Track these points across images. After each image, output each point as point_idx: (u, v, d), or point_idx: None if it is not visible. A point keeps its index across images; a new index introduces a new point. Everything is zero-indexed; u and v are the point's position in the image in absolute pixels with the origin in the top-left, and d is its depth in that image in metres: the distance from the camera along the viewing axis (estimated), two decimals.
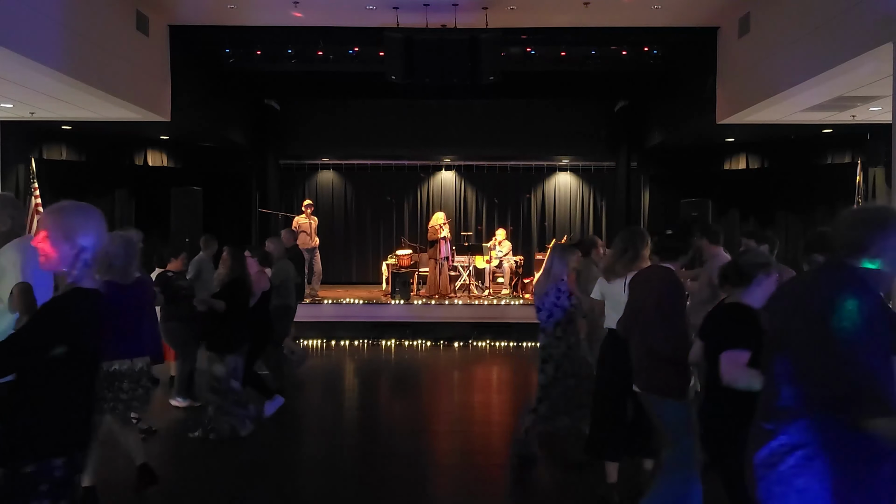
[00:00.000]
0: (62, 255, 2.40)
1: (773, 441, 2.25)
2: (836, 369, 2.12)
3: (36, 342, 2.32)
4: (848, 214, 2.34)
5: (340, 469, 5.55)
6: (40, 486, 2.34)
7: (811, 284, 2.37)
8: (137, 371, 4.62)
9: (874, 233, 2.21)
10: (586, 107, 14.78)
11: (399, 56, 9.85)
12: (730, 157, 13.93)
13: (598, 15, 9.95)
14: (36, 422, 2.36)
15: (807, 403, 2.19)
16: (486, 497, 5.07)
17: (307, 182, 16.10)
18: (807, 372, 2.21)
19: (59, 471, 2.37)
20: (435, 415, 7.47)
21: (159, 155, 13.84)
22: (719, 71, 10.60)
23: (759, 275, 3.26)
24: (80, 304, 2.37)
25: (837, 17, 7.42)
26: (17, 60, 7.26)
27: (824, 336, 2.14)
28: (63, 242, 2.39)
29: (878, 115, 9.76)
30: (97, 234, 2.44)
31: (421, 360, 10.31)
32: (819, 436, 2.17)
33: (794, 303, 2.34)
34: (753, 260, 3.32)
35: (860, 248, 2.22)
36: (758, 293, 3.24)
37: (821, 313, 2.17)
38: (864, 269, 2.22)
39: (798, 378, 2.23)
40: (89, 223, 2.44)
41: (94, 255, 2.42)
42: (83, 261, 2.40)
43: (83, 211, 2.49)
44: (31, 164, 11.90)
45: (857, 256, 2.23)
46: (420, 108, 14.44)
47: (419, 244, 14.03)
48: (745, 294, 3.27)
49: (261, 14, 10.20)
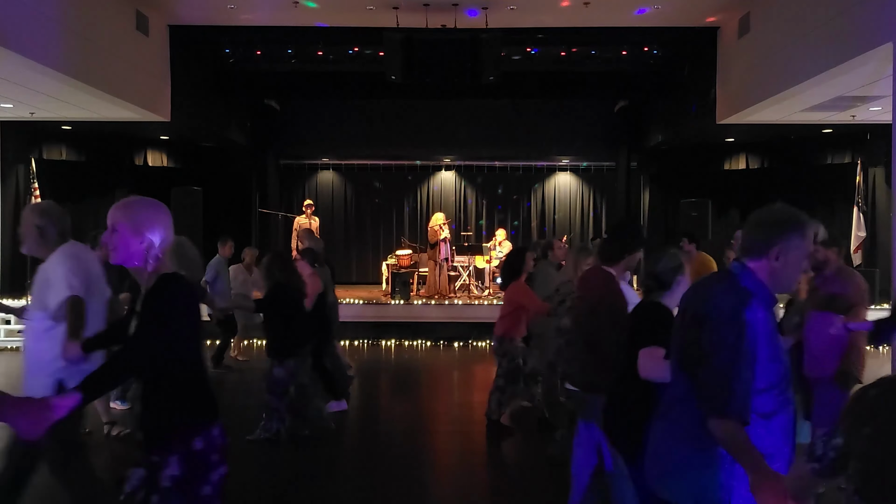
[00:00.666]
0: (132, 250, 2.44)
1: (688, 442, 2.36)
2: (702, 366, 2.21)
3: (162, 337, 2.39)
4: (753, 216, 2.37)
5: (340, 469, 5.55)
6: (211, 457, 2.46)
7: (703, 286, 2.43)
8: None
9: (774, 234, 2.24)
10: (586, 107, 14.79)
11: (399, 56, 9.86)
12: (730, 157, 13.94)
13: (598, 15, 9.95)
14: (180, 400, 2.46)
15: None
16: (487, 497, 5.07)
17: (307, 182, 16.11)
18: (685, 370, 2.32)
19: (219, 439, 2.50)
20: (435, 415, 7.47)
21: (159, 155, 13.84)
22: (719, 71, 10.61)
23: (678, 278, 3.34)
24: (175, 287, 2.43)
25: (837, 17, 7.42)
26: (17, 60, 7.26)
27: (696, 336, 2.24)
28: (132, 237, 2.43)
29: (878, 115, 9.77)
30: (165, 228, 2.48)
31: (421, 360, 10.31)
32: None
33: (687, 302, 2.43)
34: (668, 265, 3.36)
35: (761, 249, 2.25)
36: (677, 294, 3.29)
37: (699, 314, 2.26)
38: (752, 274, 2.27)
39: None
40: (158, 218, 2.47)
41: (163, 249, 2.46)
42: (153, 255, 2.44)
43: (151, 206, 2.52)
44: (31, 164, 11.91)
45: (758, 258, 2.26)
46: (420, 108, 14.44)
47: (419, 244, 14.03)
48: (665, 297, 3.34)
49: (261, 14, 10.21)
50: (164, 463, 2.39)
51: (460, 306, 11.88)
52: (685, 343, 2.33)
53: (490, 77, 10.08)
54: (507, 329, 6.05)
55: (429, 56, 9.86)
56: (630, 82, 12.80)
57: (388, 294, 12.53)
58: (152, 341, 2.39)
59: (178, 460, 2.39)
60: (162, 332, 2.38)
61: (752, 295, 2.23)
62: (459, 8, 9.72)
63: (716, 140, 13.14)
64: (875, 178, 11.80)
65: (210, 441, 2.45)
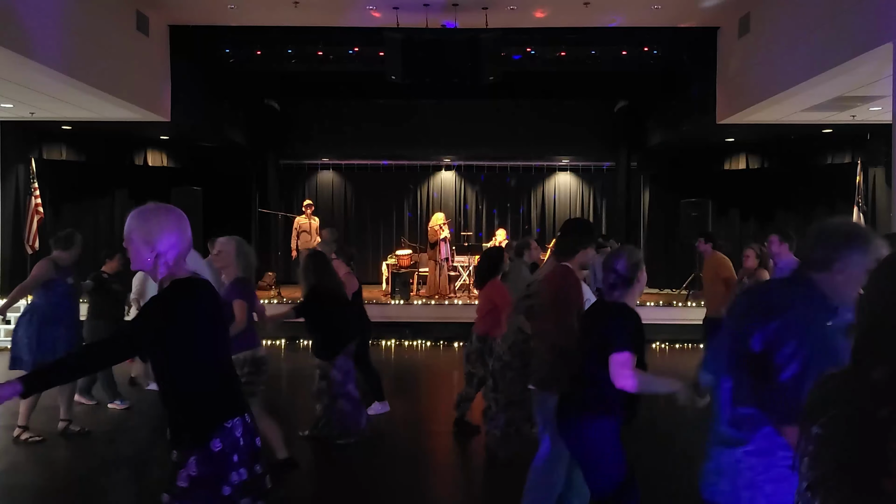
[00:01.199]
0: (142, 258, 2.48)
1: (740, 448, 2.32)
2: (775, 377, 2.20)
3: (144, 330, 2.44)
4: (815, 228, 2.40)
5: (340, 469, 5.54)
6: (232, 457, 2.45)
7: (771, 295, 2.43)
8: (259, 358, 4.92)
9: (838, 249, 2.27)
10: (586, 107, 14.79)
11: (399, 56, 9.86)
12: (730, 157, 13.93)
13: (598, 15, 9.95)
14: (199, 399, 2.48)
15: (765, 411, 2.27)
16: (486, 497, 5.07)
17: (307, 182, 16.10)
18: (759, 379, 2.28)
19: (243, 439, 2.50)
20: (435, 415, 7.47)
21: (159, 155, 13.84)
22: (719, 71, 10.61)
23: (638, 274, 3.31)
24: (182, 293, 2.47)
25: (837, 17, 7.42)
26: (17, 60, 7.26)
27: (774, 344, 2.21)
28: (142, 246, 2.47)
29: (878, 115, 9.76)
30: (177, 235, 2.51)
31: (421, 360, 10.30)
32: (778, 440, 2.24)
33: (751, 311, 2.40)
34: (630, 261, 3.31)
35: (824, 263, 2.27)
36: (637, 291, 3.32)
37: (774, 323, 2.23)
38: (821, 284, 2.28)
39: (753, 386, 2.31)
40: (168, 226, 2.50)
41: (176, 256, 2.49)
42: (163, 263, 2.47)
43: (162, 213, 2.55)
44: (31, 164, 11.90)
45: (819, 271, 2.28)
46: (420, 108, 14.44)
47: (419, 244, 14.03)
48: (627, 295, 3.31)
49: (261, 14, 10.20)
50: (184, 463, 2.41)
51: (460, 306, 11.87)
52: (752, 349, 2.28)
53: (490, 77, 10.08)
54: (489, 328, 6.01)
55: (429, 56, 9.86)
56: (630, 82, 12.80)
57: (388, 294, 12.52)
58: (123, 343, 2.45)
59: (196, 461, 2.40)
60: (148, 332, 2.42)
61: (827, 303, 2.28)
62: (459, 8, 9.73)
63: (716, 140, 13.14)
64: (875, 178, 11.80)
65: (232, 441, 2.45)
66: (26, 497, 4.86)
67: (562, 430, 3.36)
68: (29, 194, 11.80)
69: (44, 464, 5.53)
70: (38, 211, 11.83)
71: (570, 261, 3.96)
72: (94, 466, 5.54)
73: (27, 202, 11.80)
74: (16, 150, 11.66)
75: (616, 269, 3.32)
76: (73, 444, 5.97)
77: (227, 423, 2.46)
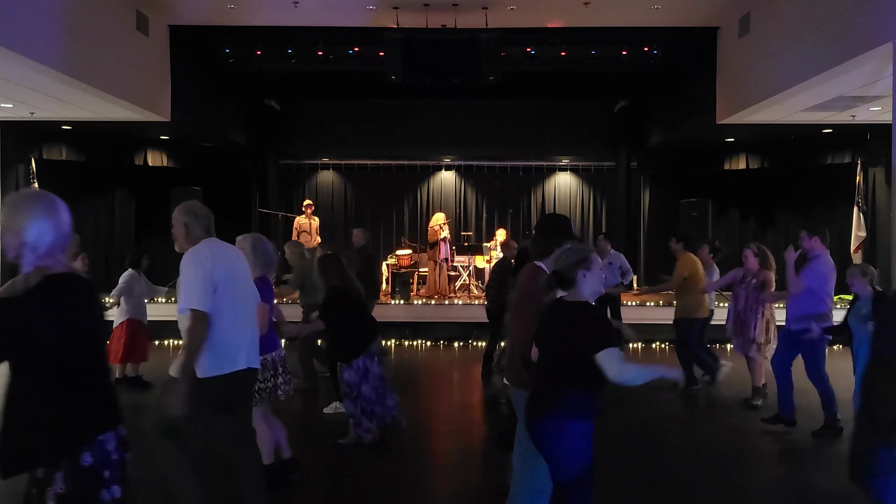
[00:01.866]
0: (9, 245, 2.34)
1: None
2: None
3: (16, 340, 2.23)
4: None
5: (339, 469, 5.54)
6: (103, 473, 2.29)
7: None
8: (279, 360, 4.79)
9: None
10: (586, 107, 14.79)
11: (399, 56, 9.86)
12: (730, 157, 13.93)
13: (598, 15, 9.95)
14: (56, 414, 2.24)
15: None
16: (487, 498, 5.06)
17: (307, 182, 16.10)
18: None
19: (115, 453, 2.33)
20: (435, 415, 7.47)
21: (159, 155, 13.84)
22: (719, 71, 10.61)
23: (579, 272, 3.24)
24: (48, 290, 2.25)
25: (837, 17, 7.42)
26: (17, 60, 7.26)
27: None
28: (10, 234, 2.33)
29: (878, 115, 9.76)
30: (46, 224, 2.33)
31: (421, 360, 10.31)
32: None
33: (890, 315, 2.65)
34: (568, 261, 3.28)
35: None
36: (586, 288, 3.26)
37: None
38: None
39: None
40: (36, 213, 2.33)
41: (47, 247, 2.31)
42: (31, 253, 2.30)
43: (31, 200, 2.39)
44: (31, 164, 11.91)
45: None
46: (420, 108, 14.44)
47: (419, 244, 14.03)
48: (577, 294, 3.27)
49: (261, 14, 10.21)
50: (50, 480, 2.23)
51: (460, 306, 11.87)
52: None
53: (490, 77, 10.08)
54: None
55: (429, 56, 9.86)
56: (630, 82, 12.79)
57: (388, 294, 12.52)
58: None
59: (63, 477, 2.23)
60: (5, 333, 2.21)
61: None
62: (459, 8, 9.73)
63: (716, 140, 13.14)
64: (875, 178, 11.80)
65: (103, 455, 2.28)
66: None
67: (528, 427, 3.37)
68: None
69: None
70: None
71: (545, 261, 3.81)
72: None
73: None
74: (16, 150, 11.66)
75: (557, 272, 3.29)
76: None
77: (99, 435, 2.28)
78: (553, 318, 3.29)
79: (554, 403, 3.22)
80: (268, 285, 4.75)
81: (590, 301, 3.28)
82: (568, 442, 3.19)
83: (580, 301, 3.26)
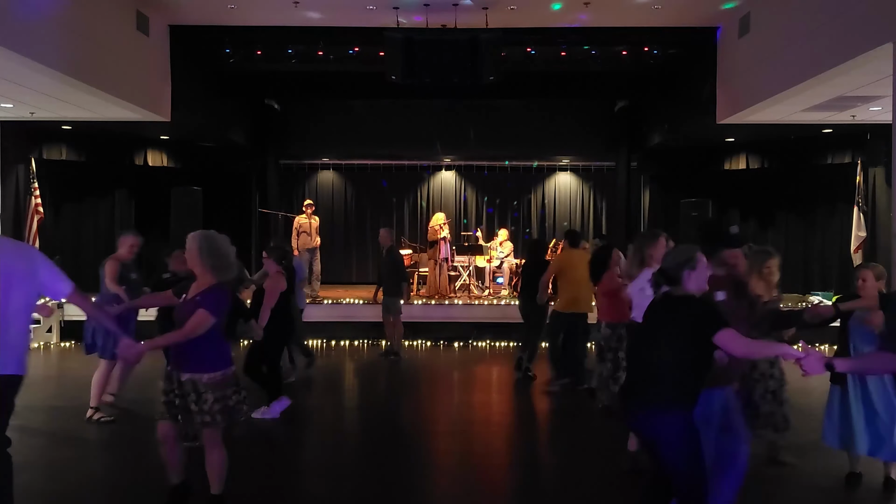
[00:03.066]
0: None
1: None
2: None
3: None
4: None
5: (340, 469, 5.55)
6: None
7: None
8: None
9: None
10: (586, 107, 14.78)
11: (399, 56, 9.85)
12: (730, 157, 13.93)
13: (597, 15, 9.95)
14: None
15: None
16: (486, 497, 5.07)
17: (307, 182, 16.11)
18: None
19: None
20: (435, 415, 7.47)
21: (159, 155, 13.84)
22: (719, 71, 10.60)
23: (685, 271, 3.48)
24: None
25: (837, 17, 7.42)
26: (17, 60, 7.26)
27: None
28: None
29: (878, 115, 9.76)
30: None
31: (421, 360, 10.31)
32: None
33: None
34: (675, 261, 3.54)
35: None
36: (691, 285, 3.49)
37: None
38: None
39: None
40: None
41: None
42: None
43: None
44: (31, 164, 11.91)
45: None
46: (420, 108, 14.43)
47: (419, 244, 14.03)
48: (682, 290, 3.49)
49: (261, 14, 10.20)
50: None
51: (460, 306, 11.87)
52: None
53: (490, 77, 10.07)
54: (614, 315, 6.47)
55: (429, 56, 9.85)
56: (630, 82, 12.79)
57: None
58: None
59: None
60: None
61: None
62: (459, 8, 9.72)
63: (716, 140, 13.14)
64: (875, 178, 11.80)
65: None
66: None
67: (635, 419, 3.56)
68: (29, 194, 11.80)
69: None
70: (38, 211, 11.84)
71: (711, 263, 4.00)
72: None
73: (27, 202, 11.80)
74: (16, 150, 11.66)
75: (663, 270, 3.57)
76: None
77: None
78: (662, 312, 3.51)
79: (663, 393, 3.37)
80: (221, 295, 4.09)
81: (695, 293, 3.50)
82: (679, 430, 3.34)
83: (687, 294, 3.48)
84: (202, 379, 4.02)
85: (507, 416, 7.39)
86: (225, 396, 4.07)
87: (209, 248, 4.08)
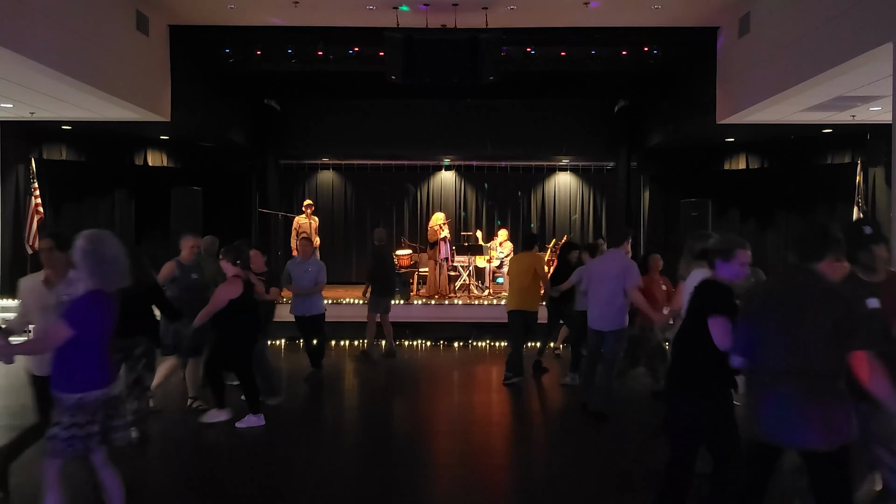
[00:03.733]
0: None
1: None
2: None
3: None
4: None
5: (340, 469, 5.55)
6: None
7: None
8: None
9: None
10: (586, 107, 14.79)
11: (399, 56, 9.85)
12: (730, 157, 13.93)
13: (598, 15, 9.95)
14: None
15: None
16: (486, 498, 5.07)
17: (307, 182, 16.10)
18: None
19: None
20: (435, 415, 7.47)
21: (159, 155, 13.84)
22: (719, 71, 10.60)
23: (718, 260, 3.82)
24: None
25: (837, 17, 7.42)
26: (17, 60, 7.26)
27: None
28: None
29: (878, 115, 9.76)
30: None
31: (421, 360, 10.31)
32: None
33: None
34: (715, 248, 3.90)
35: None
36: (721, 273, 3.82)
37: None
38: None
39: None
40: None
41: None
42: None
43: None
44: (31, 164, 11.91)
45: None
46: (420, 108, 14.43)
47: (419, 244, 14.03)
48: (715, 276, 3.83)
49: (261, 14, 10.21)
50: None
51: (460, 306, 11.87)
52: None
53: (490, 77, 10.07)
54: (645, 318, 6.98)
55: (429, 56, 9.85)
56: (630, 82, 12.80)
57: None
58: None
59: None
60: None
61: None
62: (459, 8, 9.73)
63: (716, 140, 13.14)
64: (875, 178, 11.80)
65: None
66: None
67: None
68: (29, 194, 11.81)
69: None
70: (38, 211, 11.84)
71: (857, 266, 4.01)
72: None
73: (27, 202, 11.81)
74: (16, 150, 11.67)
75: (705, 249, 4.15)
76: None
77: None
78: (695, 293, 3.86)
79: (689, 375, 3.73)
80: (96, 303, 3.65)
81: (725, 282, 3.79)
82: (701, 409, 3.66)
83: (714, 279, 3.81)
84: (60, 398, 3.60)
85: (506, 416, 7.39)
86: (76, 424, 3.57)
87: (94, 250, 3.62)
